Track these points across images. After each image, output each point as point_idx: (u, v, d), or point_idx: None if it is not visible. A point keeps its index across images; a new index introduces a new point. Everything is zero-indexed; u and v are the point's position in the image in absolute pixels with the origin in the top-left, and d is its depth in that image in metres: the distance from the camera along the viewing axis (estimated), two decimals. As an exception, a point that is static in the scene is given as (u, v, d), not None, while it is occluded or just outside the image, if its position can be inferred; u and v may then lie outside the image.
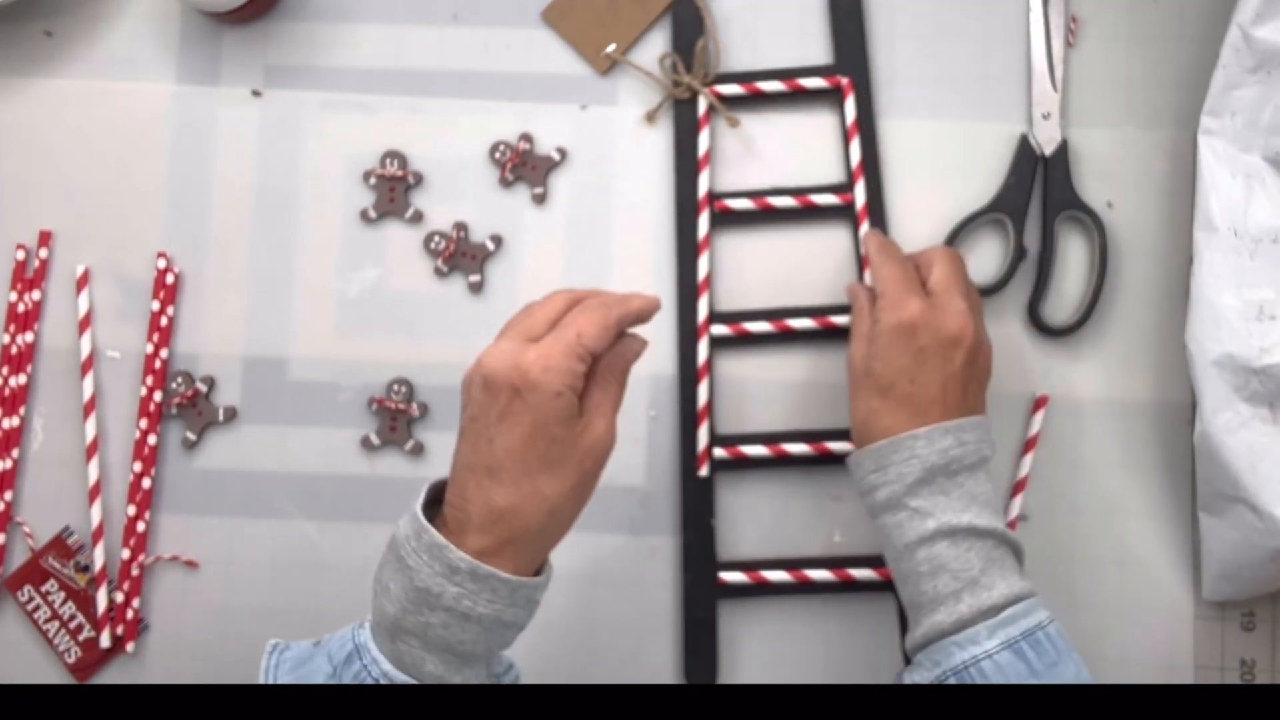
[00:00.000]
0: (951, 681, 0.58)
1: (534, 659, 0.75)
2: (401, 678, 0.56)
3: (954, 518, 0.61)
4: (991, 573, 0.60)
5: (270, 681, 0.59)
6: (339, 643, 0.59)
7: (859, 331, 0.67)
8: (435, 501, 0.59)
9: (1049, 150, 0.74)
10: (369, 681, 0.56)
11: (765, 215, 0.76)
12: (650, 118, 0.76)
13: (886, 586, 0.73)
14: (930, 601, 0.61)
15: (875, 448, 0.63)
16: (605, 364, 0.59)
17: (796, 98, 0.76)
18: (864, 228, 0.74)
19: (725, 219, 0.76)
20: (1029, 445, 0.74)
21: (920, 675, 0.60)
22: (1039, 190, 0.75)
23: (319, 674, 0.58)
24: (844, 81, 0.75)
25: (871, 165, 0.75)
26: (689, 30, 0.76)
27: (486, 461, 0.56)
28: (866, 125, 0.75)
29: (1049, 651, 0.58)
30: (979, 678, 0.58)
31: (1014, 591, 0.60)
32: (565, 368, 0.56)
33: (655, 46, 0.77)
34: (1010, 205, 0.74)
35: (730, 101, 0.76)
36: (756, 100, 0.76)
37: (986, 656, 0.58)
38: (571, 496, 0.58)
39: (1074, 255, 0.75)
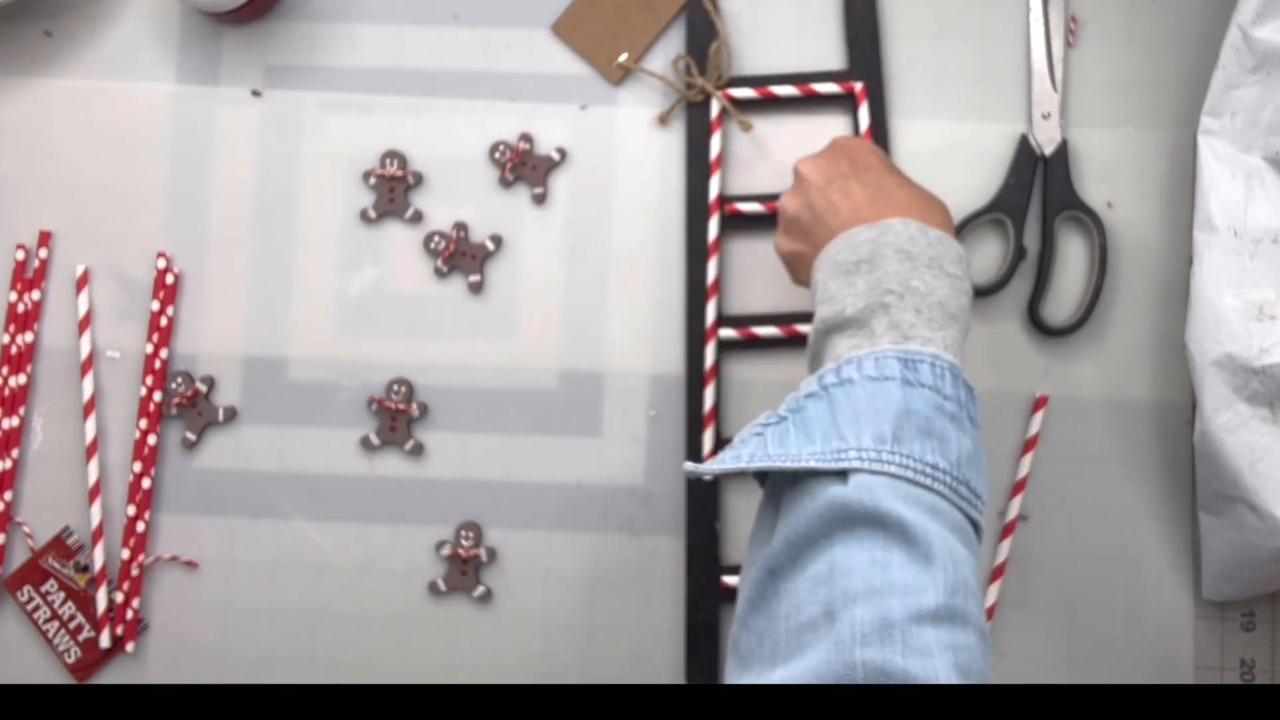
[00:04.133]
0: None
1: (533, 659, 0.75)
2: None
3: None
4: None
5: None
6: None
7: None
8: None
9: (1049, 150, 0.74)
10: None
11: (775, 219, 0.75)
12: (663, 119, 0.76)
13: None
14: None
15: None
16: None
17: (809, 102, 0.76)
18: None
19: (735, 222, 0.76)
20: (1029, 445, 0.74)
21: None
22: (1039, 190, 0.75)
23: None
24: (858, 87, 0.75)
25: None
26: (700, 34, 0.76)
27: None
28: (880, 131, 0.75)
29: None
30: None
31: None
32: None
33: (665, 52, 0.77)
34: (1010, 205, 0.74)
35: (742, 105, 0.76)
36: (768, 104, 0.76)
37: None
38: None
39: (1074, 255, 0.75)
